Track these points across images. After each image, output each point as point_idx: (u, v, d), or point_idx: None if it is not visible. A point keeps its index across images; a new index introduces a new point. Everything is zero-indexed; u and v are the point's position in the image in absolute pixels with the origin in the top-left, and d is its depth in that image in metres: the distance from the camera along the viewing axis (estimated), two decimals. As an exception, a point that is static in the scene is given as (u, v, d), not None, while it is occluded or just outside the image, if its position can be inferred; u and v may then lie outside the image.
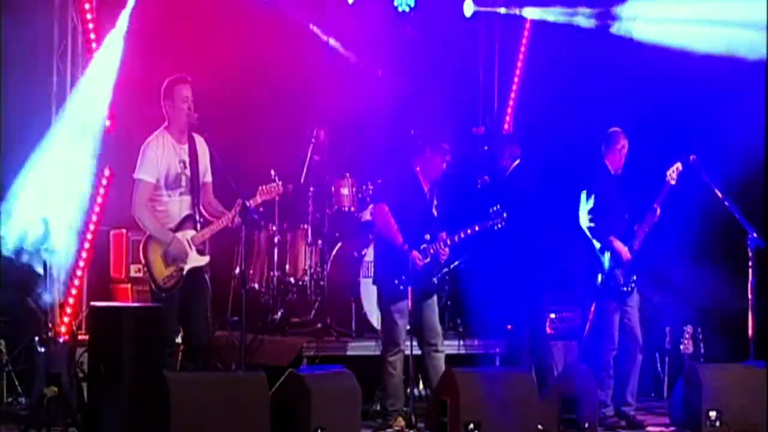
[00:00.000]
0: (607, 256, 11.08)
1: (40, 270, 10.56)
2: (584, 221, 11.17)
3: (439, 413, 10.00)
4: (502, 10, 13.96)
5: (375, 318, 11.55)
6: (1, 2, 11.09)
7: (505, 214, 10.63)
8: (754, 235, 11.19)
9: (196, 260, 9.83)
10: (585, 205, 11.16)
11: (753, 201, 11.76)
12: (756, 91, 11.99)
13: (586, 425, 10.35)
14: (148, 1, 11.89)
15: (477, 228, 10.68)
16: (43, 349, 9.95)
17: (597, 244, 11.12)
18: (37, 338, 10.05)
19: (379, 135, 12.83)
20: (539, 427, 10.14)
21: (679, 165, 11.21)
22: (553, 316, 12.47)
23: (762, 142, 11.94)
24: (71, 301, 11.29)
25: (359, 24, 13.38)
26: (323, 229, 12.56)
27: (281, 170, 11.66)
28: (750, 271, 11.14)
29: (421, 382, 11.42)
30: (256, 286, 12.58)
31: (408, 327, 10.64)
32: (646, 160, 11.59)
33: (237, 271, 12.19)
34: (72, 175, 11.25)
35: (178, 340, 10.08)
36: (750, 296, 11.11)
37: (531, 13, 13.92)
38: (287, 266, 12.61)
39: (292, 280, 12.55)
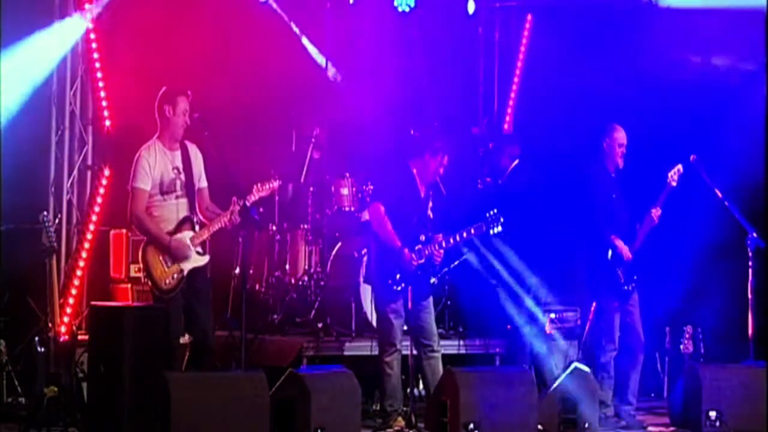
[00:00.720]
0: (608, 254, 11.08)
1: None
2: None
3: (439, 413, 10.00)
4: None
5: (375, 318, 11.53)
6: (2, 2, 11.09)
7: (502, 219, 10.61)
8: (754, 235, 11.19)
9: (196, 260, 9.84)
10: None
11: (753, 201, 11.77)
12: (757, 90, 11.99)
13: (586, 425, 10.34)
14: (149, 1, 11.93)
15: (473, 231, 10.65)
16: (43, 349, 9.94)
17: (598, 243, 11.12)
18: (37, 338, 10.04)
19: (379, 135, 12.83)
20: (539, 427, 10.13)
21: (680, 167, 11.17)
22: (553, 316, 12.46)
23: (762, 142, 11.94)
24: (71, 301, 11.30)
25: (359, 24, 13.37)
26: (323, 229, 12.56)
27: (281, 170, 11.66)
28: (750, 271, 11.14)
29: (420, 383, 11.42)
30: (256, 286, 12.58)
31: (405, 327, 10.63)
32: (647, 159, 11.58)
33: (237, 271, 12.20)
34: None
35: (183, 340, 10.08)
36: (750, 296, 11.11)
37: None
38: (287, 266, 12.62)
39: (292, 280, 12.55)
